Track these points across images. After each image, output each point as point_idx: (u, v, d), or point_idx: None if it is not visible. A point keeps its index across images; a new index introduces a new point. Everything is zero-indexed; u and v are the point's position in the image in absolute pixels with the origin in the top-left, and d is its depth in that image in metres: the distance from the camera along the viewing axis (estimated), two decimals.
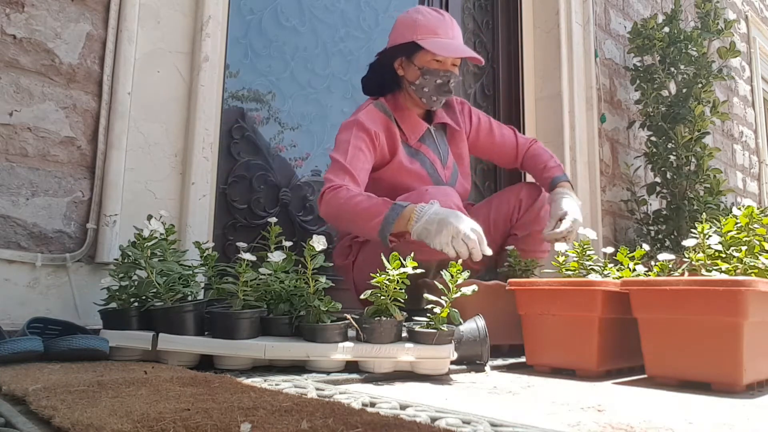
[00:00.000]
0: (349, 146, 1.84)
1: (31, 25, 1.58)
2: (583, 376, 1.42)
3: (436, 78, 1.95)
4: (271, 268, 1.35)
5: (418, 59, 1.95)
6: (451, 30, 1.96)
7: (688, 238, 1.44)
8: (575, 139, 3.06)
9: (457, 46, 1.95)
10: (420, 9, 2.00)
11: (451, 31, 1.96)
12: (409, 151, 2.00)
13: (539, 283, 1.51)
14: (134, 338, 1.31)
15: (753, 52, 5.22)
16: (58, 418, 0.71)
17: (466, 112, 2.19)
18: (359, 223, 1.69)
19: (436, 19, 1.95)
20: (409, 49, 1.96)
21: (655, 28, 3.21)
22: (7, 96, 1.53)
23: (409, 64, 1.98)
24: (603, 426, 0.87)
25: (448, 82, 1.96)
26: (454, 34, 1.96)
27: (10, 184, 1.53)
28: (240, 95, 2.24)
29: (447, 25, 1.96)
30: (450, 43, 1.94)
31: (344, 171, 1.79)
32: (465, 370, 1.44)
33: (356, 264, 1.98)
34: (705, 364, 1.24)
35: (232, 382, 1.00)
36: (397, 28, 2.01)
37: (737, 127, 4.80)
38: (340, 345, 1.27)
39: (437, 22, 1.95)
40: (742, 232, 1.39)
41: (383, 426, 0.70)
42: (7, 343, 1.18)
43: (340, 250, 2.05)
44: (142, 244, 1.35)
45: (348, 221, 1.74)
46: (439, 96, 1.98)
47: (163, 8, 1.80)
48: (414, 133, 2.01)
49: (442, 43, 1.92)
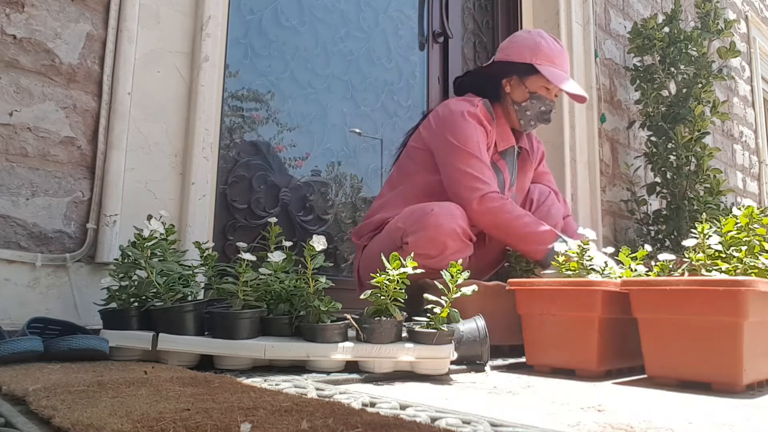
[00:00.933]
0: (479, 142, 1.90)
1: (31, 25, 1.58)
2: (583, 376, 1.42)
3: (542, 105, 2.00)
4: (271, 268, 1.35)
5: (531, 83, 1.99)
6: (567, 64, 2.04)
7: (688, 238, 1.44)
8: (575, 139, 3.06)
9: (571, 80, 2.01)
10: (542, 34, 2.05)
11: (566, 64, 2.03)
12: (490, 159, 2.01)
13: (539, 283, 1.51)
14: (134, 338, 1.31)
15: (753, 52, 5.22)
16: (58, 418, 0.71)
17: (538, 149, 2.24)
18: (523, 243, 1.82)
19: (557, 50, 2.01)
20: (524, 70, 1.99)
21: (655, 28, 3.21)
22: (7, 96, 1.53)
23: (520, 84, 2.01)
24: (603, 426, 0.87)
25: (550, 111, 2.02)
26: (567, 68, 2.04)
27: (10, 184, 1.53)
28: (240, 95, 2.24)
29: (564, 59, 2.02)
30: (565, 76, 2.00)
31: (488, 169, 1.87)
32: (465, 370, 1.44)
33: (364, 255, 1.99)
34: (705, 364, 1.24)
35: (232, 382, 1.00)
36: (515, 46, 2.04)
37: (737, 127, 4.80)
38: (340, 345, 1.27)
39: (557, 53, 2.00)
40: (742, 232, 1.39)
41: (383, 426, 0.70)
42: (7, 343, 1.18)
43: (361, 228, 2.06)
44: (142, 244, 1.35)
45: (510, 236, 1.83)
46: (537, 122, 2.04)
47: (163, 8, 1.80)
48: (502, 143, 2.04)
49: (559, 74, 1.97)
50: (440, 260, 1.69)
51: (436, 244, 1.72)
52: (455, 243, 1.74)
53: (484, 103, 2.01)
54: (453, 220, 1.75)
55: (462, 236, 1.76)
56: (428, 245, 1.72)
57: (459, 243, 1.76)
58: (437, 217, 1.74)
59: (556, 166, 3.05)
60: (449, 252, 1.72)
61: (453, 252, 1.73)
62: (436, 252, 1.72)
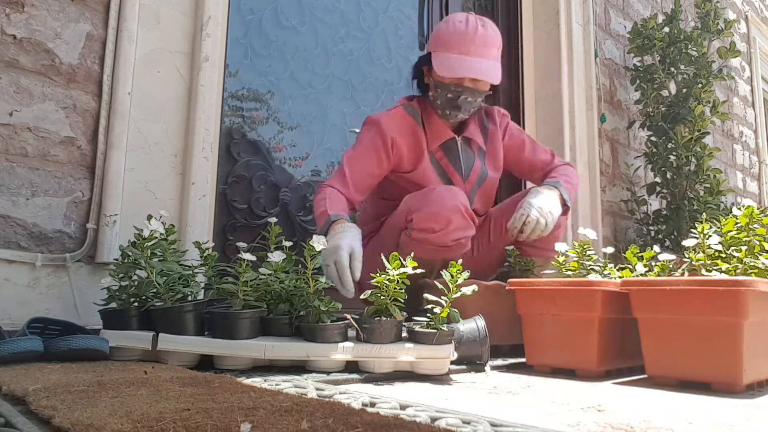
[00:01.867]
0: (362, 146, 1.91)
1: (31, 25, 1.58)
2: (583, 376, 1.42)
3: (447, 92, 1.92)
4: (271, 268, 1.35)
5: (434, 72, 1.94)
6: (470, 44, 1.87)
7: (688, 238, 1.44)
8: (575, 139, 3.06)
9: (461, 64, 1.87)
10: (451, 18, 1.94)
11: (468, 45, 1.87)
12: (432, 161, 2.00)
13: (539, 283, 1.51)
14: (134, 338, 1.31)
15: (753, 52, 5.22)
16: (58, 418, 0.71)
17: (502, 127, 2.16)
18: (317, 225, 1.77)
19: (456, 32, 1.88)
20: (429, 60, 1.96)
21: (655, 28, 3.21)
22: (7, 96, 1.53)
23: (429, 74, 1.98)
24: (603, 426, 0.87)
25: (458, 98, 1.91)
26: (471, 49, 1.87)
27: (10, 184, 1.53)
28: (240, 95, 2.24)
29: (466, 38, 1.87)
30: (457, 59, 1.88)
31: (342, 173, 1.86)
32: (465, 370, 1.44)
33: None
34: (705, 364, 1.24)
35: (232, 382, 1.00)
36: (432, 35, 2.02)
37: (737, 127, 4.80)
38: (340, 345, 1.27)
39: (455, 35, 1.88)
40: (742, 232, 1.39)
41: (383, 426, 0.70)
42: (7, 343, 1.18)
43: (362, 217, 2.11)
44: (142, 244, 1.35)
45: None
46: (451, 110, 1.95)
47: (163, 8, 1.80)
48: (435, 140, 1.99)
49: (449, 59, 1.88)
50: (443, 234, 1.72)
51: (440, 218, 1.73)
52: (459, 219, 1.75)
53: (405, 106, 1.98)
54: (456, 197, 1.76)
55: (465, 213, 1.77)
56: (432, 219, 1.73)
57: (462, 220, 1.76)
58: (440, 193, 1.76)
59: None
60: (453, 227, 1.73)
61: (456, 227, 1.74)
62: (440, 226, 1.73)
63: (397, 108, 1.98)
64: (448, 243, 1.75)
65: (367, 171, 1.89)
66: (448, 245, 1.75)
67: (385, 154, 1.91)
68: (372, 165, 1.89)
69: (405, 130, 1.94)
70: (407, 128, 1.95)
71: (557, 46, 3.12)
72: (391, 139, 1.90)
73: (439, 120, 2.00)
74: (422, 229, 1.74)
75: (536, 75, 3.20)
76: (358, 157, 1.89)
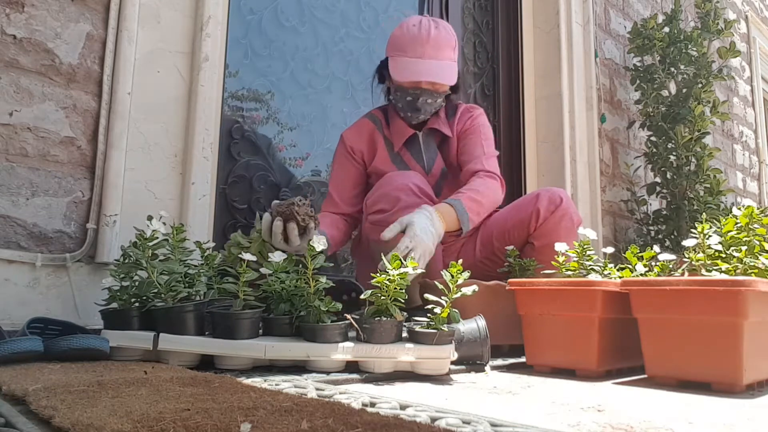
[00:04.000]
0: (335, 164, 2.08)
1: (31, 25, 1.58)
2: (583, 376, 1.42)
3: (406, 95, 1.95)
4: (271, 268, 1.35)
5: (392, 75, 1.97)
6: (423, 46, 1.89)
7: (688, 238, 1.44)
8: (575, 139, 3.06)
9: (414, 68, 1.89)
10: (404, 22, 1.96)
11: (422, 47, 1.88)
12: (394, 158, 2.05)
13: (539, 283, 1.51)
14: (135, 338, 1.31)
15: (753, 52, 5.22)
16: (58, 418, 0.71)
17: (464, 119, 2.09)
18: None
19: (409, 35, 1.91)
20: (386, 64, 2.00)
21: (655, 28, 3.21)
22: (7, 96, 1.53)
23: (389, 77, 2.00)
24: (603, 426, 0.87)
25: (417, 100, 1.93)
26: (425, 51, 1.89)
27: (10, 184, 1.53)
28: (240, 95, 2.24)
29: (419, 41, 1.89)
30: (411, 63, 1.89)
31: (329, 195, 2.03)
32: (465, 370, 1.44)
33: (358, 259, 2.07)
34: (705, 364, 1.24)
35: (232, 382, 1.00)
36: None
37: (737, 127, 4.80)
38: (340, 345, 1.27)
39: (408, 39, 1.91)
40: (742, 232, 1.39)
41: (383, 426, 0.70)
42: (7, 343, 1.18)
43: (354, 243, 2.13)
44: (143, 244, 1.35)
45: None
46: (412, 113, 1.97)
47: (163, 8, 1.80)
48: (398, 139, 2.04)
49: (403, 63, 1.91)
50: (394, 213, 1.73)
51: (389, 198, 1.77)
52: (408, 197, 1.76)
53: (367, 114, 2.10)
54: (406, 177, 1.81)
55: (417, 192, 1.78)
56: (383, 200, 1.78)
57: (413, 197, 1.76)
58: (390, 177, 1.84)
59: (556, 166, 3.05)
60: (402, 204, 1.74)
61: (406, 205, 1.74)
62: (390, 205, 1.76)
63: (361, 118, 2.11)
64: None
65: (345, 183, 2.03)
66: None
67: (353, 161, 2.05)
68: (347, 175, 2.04)
69: (364, 137, 2.06)
70: (366, 133, 2.06)
71: (557, 46, 3.13)
72: (350, 148, 2.04)
73: (398, 120, 2.04)
74: (374, 212, 1.79)
75: (536, 75, 3.20)
76: (335, 175, 2.06)
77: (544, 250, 1.86)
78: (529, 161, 3.12)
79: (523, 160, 3.11)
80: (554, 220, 1.89)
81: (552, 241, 1.78)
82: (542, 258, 1.84)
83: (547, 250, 1.81)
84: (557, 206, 1.89)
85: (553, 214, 1.89)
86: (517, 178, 3.06)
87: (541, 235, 1.90)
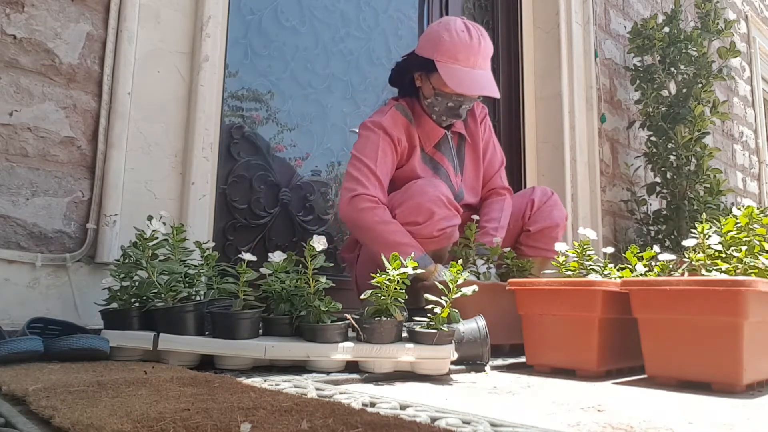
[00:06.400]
0: (378, 150, 1.89)
1: (31, 25, 1.58)
2: (583, 376, 1.42)
3: (448, 101, 1.94)
4: (271, 268, 1.35)
5: (434, 79, 1.92)
6: (476, 56, 1.88)
7: (688, 238, 1.44)
8: (575, 139, 3.06)
9: (472, 79, 1.88)
10: (451, 25, 1.90)
11: (474, 57, 1.88)
12: (424, 158, 2.02)
13: (539, 283, 1.51)
14: (135, 338, 1.31)
15: (753, 52, 5.22)
16: (58, 418, 0.71)
17: (482, 122, 2.17)
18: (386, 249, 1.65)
19: (462, 43, 1.87)
20: (428, 66, 1.92)
21: (655, 28, 3.21)
22: (7, 96, 1.53)
23: (426, 80, 1.96)
24: (603, 426, 0.87)
25: (459, 107, 1.95)
26: (477, 61, 1.88)
27: (10, 184, 1.53)
28: (240, 95, 2.24)
29: (472, 51, 1.87)
30: (467, 73, 1.87)
31: (374, 176, 1.85)
32: (465, 370, 1.44)
33: (359, 260, 2.02)
34: (705, 364, 1.24)
35: (232, 382, 1.00)
36: (424, 38, 1.97)
37: (737, 127, 4.80)
38: (340, 345, 1.27)
39: (462, 47, 1.86)
40: (742, 232, 1.40)
41: (383, 426, 0.70)
42: (7, 343, 1.18)
43: (348, 244, 2.11)
44: (143, 244, 1.35)
45: (374, 242, 1.79)
46: (448, 117, 1.99)
47: (163, 8, 1.80)
48: (430, 140, 2.02)
49: (459, 72, 1.87)
50: (428, 226, 1.75)
51: (423, 210, 1.76)
52: (441, 209, 1.77)
53: (397, 107, 1.98)
54: (436, 188, 1.79)
55: (447, 204, 1.79)
56: (415, 212, 1.76)
57: (445, 210, 1.78)
58: (420, 186, 1.80)
59: (556, 166, 3.05)
60: (437, 217, 1.75)
61: (441, 218, 1.76)
62: (424, 218, 1.75)
63: (391, 110, 1.98)
64: (433, 234, 1.77)
65: (389, 173, 1.92)
66: (434, 236, 1.77)
67: (395, 152, 1.94)
68: (390, 167, 1.92)
69: (402, 131, 1.97)
70: (404, 128, 1.98)
71: (557, 46, 3.13)
72: (397, 139, 1.93)
73: (428, 120, 2.02)
74: (407, 223, 1.77)
75: (536, 75, 3.20)
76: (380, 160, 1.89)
77: (539, 235, 2.06)
78: (529, 161, 3.12)
79: (523, 160, 3.11)
80: (547, 207, 2.08)
81: (545, 225, 2.05)
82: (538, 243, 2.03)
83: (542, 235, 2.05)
84: (549, 197, 2.10)
85: (545, 203, 2.08)
86: (517, 178, 3.06)
87: (536, 221, 2.08)
